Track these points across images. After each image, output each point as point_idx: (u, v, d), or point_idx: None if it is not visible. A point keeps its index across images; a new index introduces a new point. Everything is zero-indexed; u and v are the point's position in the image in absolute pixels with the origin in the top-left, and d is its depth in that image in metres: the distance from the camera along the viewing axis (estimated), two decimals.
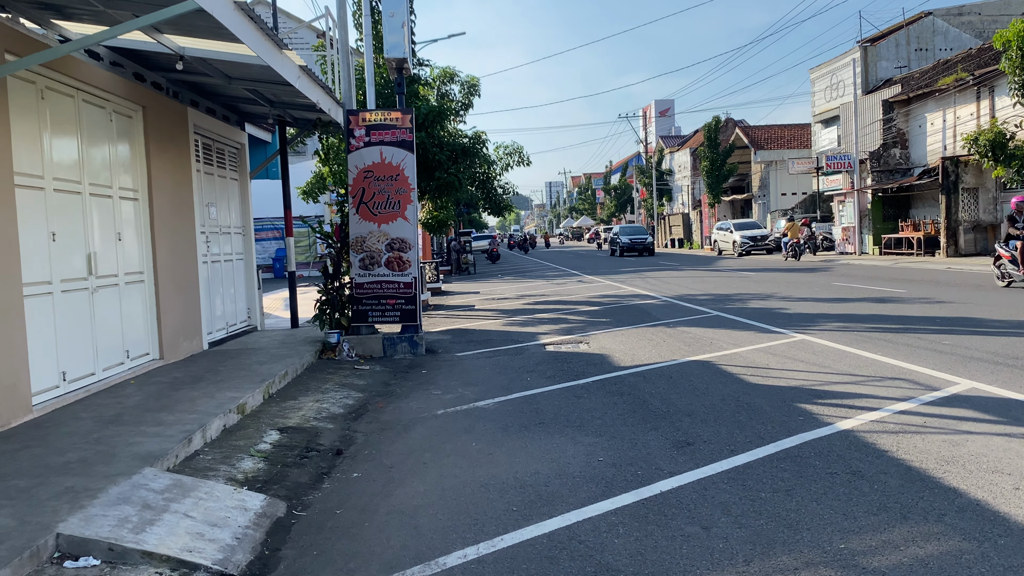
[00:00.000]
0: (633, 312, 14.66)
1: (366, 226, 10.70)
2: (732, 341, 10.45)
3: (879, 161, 33.29)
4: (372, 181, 10.67)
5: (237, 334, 11.93)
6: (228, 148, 12.22)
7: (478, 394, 7.88)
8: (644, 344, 10.62)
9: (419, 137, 17.07)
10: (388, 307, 10.71)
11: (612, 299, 17.58)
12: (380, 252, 10.69)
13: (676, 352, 9.79)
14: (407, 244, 10.69)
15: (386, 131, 10.66)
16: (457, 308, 17.61)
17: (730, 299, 16.20)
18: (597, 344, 10.88)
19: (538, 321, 14.10)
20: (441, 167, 17.63)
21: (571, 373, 8.75)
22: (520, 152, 23.22)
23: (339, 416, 7.27)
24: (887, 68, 37.33)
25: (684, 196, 63.19)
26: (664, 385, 7.80)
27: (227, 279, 11.86)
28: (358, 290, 10.70)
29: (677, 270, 28.14)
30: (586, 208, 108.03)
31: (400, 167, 10.65)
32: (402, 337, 10.71)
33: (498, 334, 12.59)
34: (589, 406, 7.08)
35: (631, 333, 11.79)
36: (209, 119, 11.24)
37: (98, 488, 4.58)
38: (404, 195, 10.67)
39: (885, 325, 11.28)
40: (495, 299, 19.58)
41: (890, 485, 4.61)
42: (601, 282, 23.53)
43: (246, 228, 12.84)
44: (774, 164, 47.49)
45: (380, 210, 10.67)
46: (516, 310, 16.36)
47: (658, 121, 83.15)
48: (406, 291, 10.70)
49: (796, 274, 23.22)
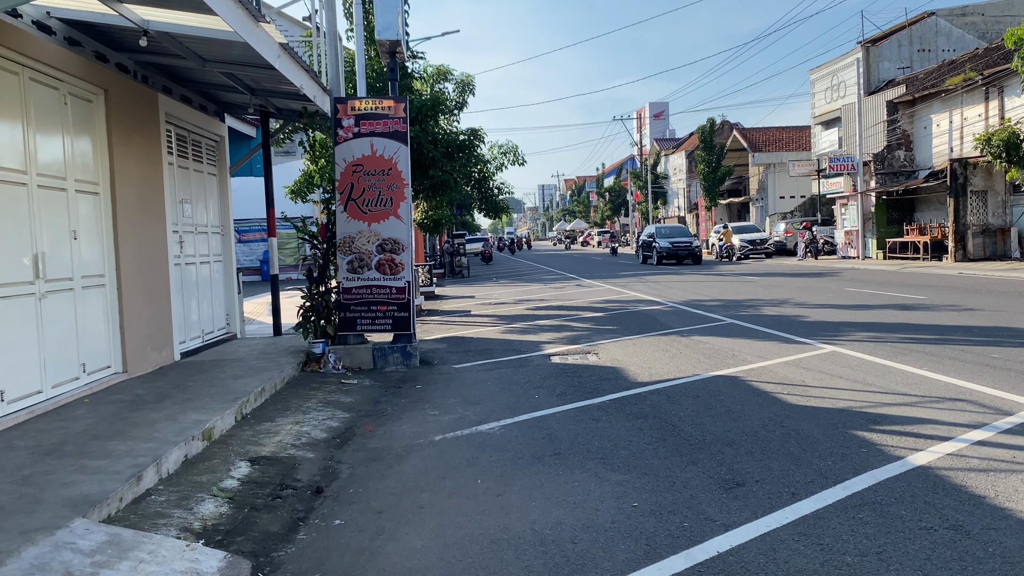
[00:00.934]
0: (641, 319, 13.74)
1: (355, 225, 9.74)
2: (756, 353, 9.53)
3: (883, 163, 32.52)
4: (362, 176, 9.72)
5: (214, 343, 10.94)
6: (206, 140, 11.24)
7: (480, 415, 6.93)
8: (659, 356, 9.69)
9: (413, 131, 16.13)
10: (378, 314, 9.75)
11: (616, 305, 16.66)
12: (370, 254, 9.73)
13: (697, 366, 8.87)
14: (400, 245, 9.74)
15: (377, 121, 9.71)
16: (452, 314, 16.66)
17: (741, 305, 15.30)
18: (607, 355, 9.95)
19: (540, 329, 13.16)
20: (436, 165, 16.68)
21: (584, 390, 7.81)
22: (515, 151, 22.33)
23: (321, 442, 6.31)
24: (889, 69, 36.62)
25: (680, 199, 62.44)
26: (693, 406, 6.87)
27: (203, 283, 10.88)
28: (345, 295, 9.74)
29: (678, 274, 27.26)
30: (580, 211, 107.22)
31: (393, 160, 9.70)
32: (394, 347, 9.75)
33: (498, 343, 11.64)
34: (611, 432, 6.14)
35: (643, 343, 10.86)
36: (184, 108, 10.27)
37: (7, 551, 3.61)
38: (397, 191, 9.72)
39: (919, 335, 10.38)
40: (492, 304, 18.64)
41: (1007, 547, 3.69)
42: (600, 286, 22.62)
43: (225, 228, 11.86)
44: (772, 167, 46.73)
45: (370, 208, 9.72)
46: (515, 316, 15.42)
47: (652, 124, 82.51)
48: (398, 296, 9.74)
49: (804, 279, 22.36)
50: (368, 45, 16.91)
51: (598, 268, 34.33)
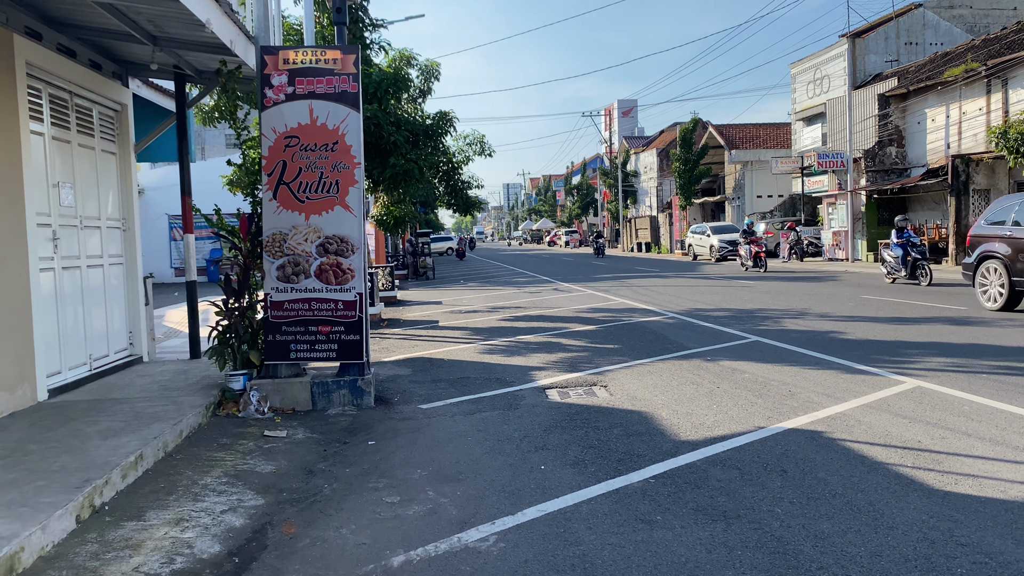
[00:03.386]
0: (643, 335, 11.45)
1: (288, 218, 7.28)
2: (818, 388, 7.28)
3: (874, 160, 30.75)
4: (297, 152, 7.27)
5: (107, 370, 8.39)
6: (99, 109, 8.68)
7: (463, 508, 4.54)
8: (691, 392, 7.40)
9: (370, 111, 13.66)
10: (319, 337, 7.29)
11: (606, 315, 14.36)
12: (308, 256, 7.28)
13: (751, 410, 6.58)
14: (348, 245, 7.30)
15: (319, 79, 7.26)
16: (417, 325, 14.23)
17: (755, 317, 13.11)
18: (621, 389, 7.63)
19: (525, 347, 10.80)
20: (397, 151, 14.23)
21: (609, 454, 5.47)
22: (482, 142, 20.01)
23: (207, 566, 3.88)
24: (876, 62, 34.91)
25: (651, 198, 60.57)
26: (787, 492, 4.55)
27: (93, 292, 8.32)
28: (275, 312, 7.27)
29: (661, 277, 25.11)
30: (546, 210, 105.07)
31: (340, 132, 7.26)
32: (341, 381, 7.31)
33: (476, 368, 9.26)
34: (683, 555, 3.79)
35: (661, 371, 8.56)
36: (64, 63, 7.71)
37: None
38: (345, 173, 7.29)
39: (1011, 362, 8.24)
40: (463, 312, 16.22)
41: None
42: (581, 291, 20.33)
43: (128, 221, 9.29)
44: (750, 164, 44.95)
45: (309, 194, 7.27)
46: (492, 329, 13.04)
47: (621, 121, 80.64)
48: (346, 314, 7.30)
49: (805, 284, 20.29)
50: (320, 11, 14.42)
51: (572, 270, 32.07)
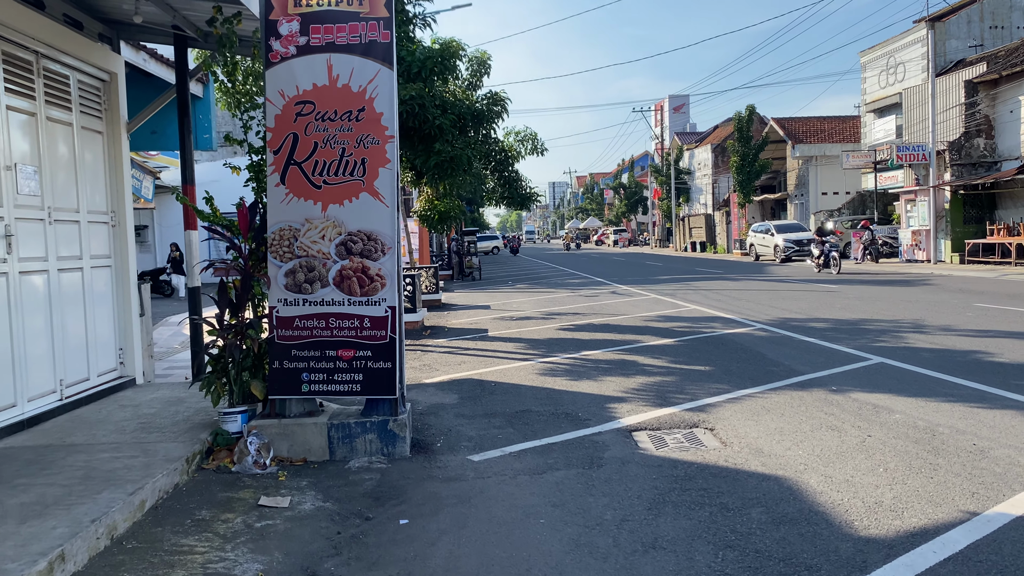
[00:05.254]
0: (736, 352, 9.52)
1: (300, 208, 5.56)
2: (1015, 441, 5.31)
3: (959, 152, 28.16)
4: (312, 122, 5.54)
5: (85, 398, 6.78)
6: (79, 76, 7.08)
7: None
8: (832, 442, 5.49)
9: (414, 90, 11.96)
10: (340, 364, 5.55)
11: (682, 325, 12.44)
12: (326, 258, 5.55)
13: (941, 481, 4.64)
14: (378, 243, 5.55)
15: (340, 24, 5.52)
16: (463, 334, 12.48)
17: (861, 330, 11.07)
18: (736, 436, 5.75)
19: (594, 367, 8.96)
20: (443, 136, 12.51)
21: (761, 564, 3.60)
22: (534, 139, 18.22)
23: None
24: (958, 48, 32.21)
25: (705, 196, 58.09)
26: None
27: (67, 302, 6.72)
28: (283, 331, 5.55)
29: (727, 279, 23.00)
30: (593, 209, 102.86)
31: (367, 94, 5.52)
32: (367, 423, 5.55)
33: (538, 396, 7.45)
34: None
35: (779, 406, 6.65)
36: (25, 13, 6.11)
37: None
38: (375, 149, 5.53)
39: None
40: (513, 318, 14.44)
41: None
42: (643, 295, 18.37)
43: (118, 215, 7.69)
44: (814, 159, 42.35)
45: (327, 177, 5.54)
46: (551, 341, 11.22)
47: (672, 117, 78.15)
48: (375, 334, 5.54)
49: (896, 289, 18.04)
50: None
51: (627, 271, 30.06)
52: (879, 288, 18.20)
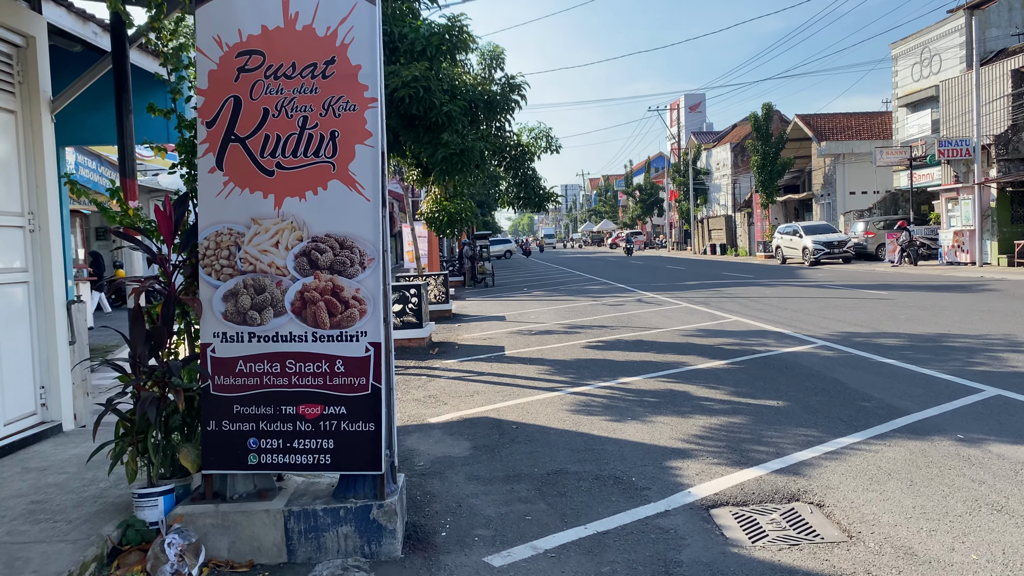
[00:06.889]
0: (809, 380, 7.80)
1: (243, 204, 3.91)
2: None
3: (1007, 147, 26.26)
4: (261, 80, 3.90)
5: None
6: None
7: None
8: (1008, 534, 3.80)
9: (417, 70, 10.33)
10: (303, 426, 3.90)
11: (729, 341, 10.73)
12: (281, 274, 3.90)
13: None
14: (355, 252, 3.89)
15: None
16: (476, 353, 10.82)
17: (946, 348, 9.33)
18: (861, 519, 4.07)
19: (636, 399, 7.27)
20: (452, 126, 10.85)
21: None
22: (548, 136, 16.53)
23: None
24: (998, 37, 30.30)
25: (725, 197, 56.24)
26: None
27: None
28: (221, 378, 3.91)
29: (760, 285, 21.24)
30: (607, 211, 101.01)
31: (339, 39, 3.87)
32: (340, 511, 3.88)
33: (573, 446, 5.77)
34: None
35: (902, 465, 4.95)
36: None
37: None
38: (350, 119, 3.88)
39: None
40: (532, 332, 12.76)
41: None
42: (673, 303, 16.65)
43: (39, 217, 6.07)
44: (842, 157, 40.44)
45: (281, 158, 3.89)
46: (579, 363, 9.54)
47: (688, 117, 76.43)
48: (350, 381, 3.88)
49: (949, 295, 16.23)
50: None
51: (649, 275, 28.30)
52: (936, 295, 16.40)
